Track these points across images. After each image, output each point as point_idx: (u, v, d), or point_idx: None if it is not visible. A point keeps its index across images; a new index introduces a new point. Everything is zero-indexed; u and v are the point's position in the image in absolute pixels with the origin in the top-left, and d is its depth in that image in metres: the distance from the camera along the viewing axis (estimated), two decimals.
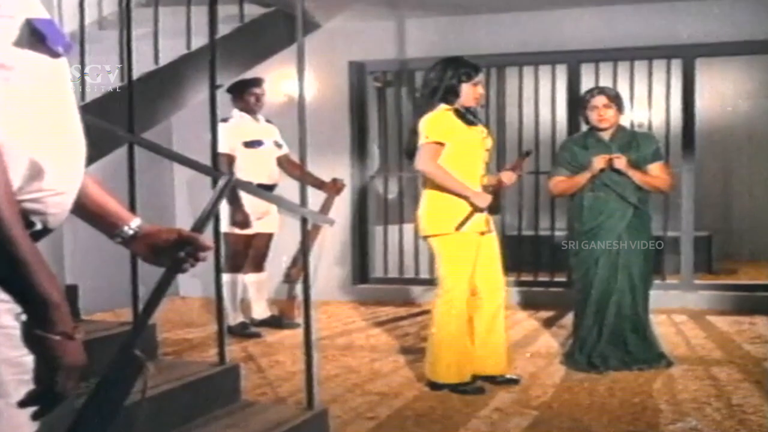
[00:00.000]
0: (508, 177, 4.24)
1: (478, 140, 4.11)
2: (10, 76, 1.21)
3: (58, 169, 1.30)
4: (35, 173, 1.26)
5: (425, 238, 4.18)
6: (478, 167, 4.12)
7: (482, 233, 4.09)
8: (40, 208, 1.28)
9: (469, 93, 4.08)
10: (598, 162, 4.45)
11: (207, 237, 1.51)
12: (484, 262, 4.11)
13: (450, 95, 4.07)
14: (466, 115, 4.09)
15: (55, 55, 1.29)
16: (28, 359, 1.25)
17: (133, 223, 1.54)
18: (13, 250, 1.16)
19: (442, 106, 4.07)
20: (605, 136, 4.57)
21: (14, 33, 1.22)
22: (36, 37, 1.24)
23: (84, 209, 1.49)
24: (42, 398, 1.23)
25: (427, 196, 4.13)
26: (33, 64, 1.25)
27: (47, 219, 1.31)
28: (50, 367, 1.21)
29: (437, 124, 4.04)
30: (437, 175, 4.02)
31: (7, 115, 1.21)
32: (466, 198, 4.00)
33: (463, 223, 3.99)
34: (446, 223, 4.03)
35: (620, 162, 4.43)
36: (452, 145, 4.02)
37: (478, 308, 4.15)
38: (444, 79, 4.07)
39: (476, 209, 4.00)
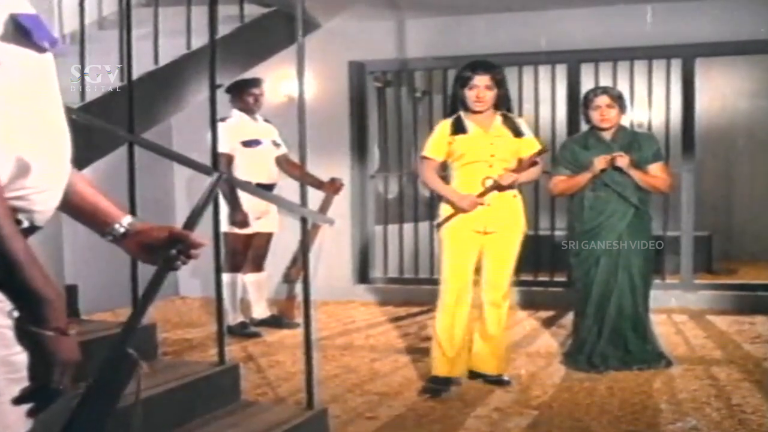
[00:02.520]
0: (502, 178, 4.09)
1: (477, 145, 4.12)
2: None
3: (45, 166, 1.29)
4: (22, 170, 1.24)
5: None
6: (478, 171, 4.10)
7: (486, 233, 4.11)
8: (26, 206, 1.27)
9: (470, 98, 4.13)
10: (600, 162, 4.44)
11: (199, 234, 1.49)
12: (486, 260, 4.16)
13: (459, 104, 4.21)
14: (459, 124, 4.16)
15: (41, 50, 1.27)
16: (19, 358, 1.25)
17: (124, 221, 1.53)
18: (4, 248, 1.16)
19: (458, 115, 4.21)
20: (606, 136, 4.57)
21: None
22: (21, 32, 1.23)
23: (74, 207, 1.48)
24: (37, 395, 1.23)
25: None
26: (19, 59, 1.24)
27: (33, 217, 1.30)
28: (45, 364, 1.21)
29: (429, 139, 4.29)
30: (430, 185, 4.34)
31: None
32: (450, 201, 4.14)
33: (443, 222, 4.14)
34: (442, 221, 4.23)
35: (623, 161, 4.42)
36: (446, 156, 4.20)
37: (480, 305, 4.23)
38: (455, 88, 4.27)
39: (458, 210, 4.09)
